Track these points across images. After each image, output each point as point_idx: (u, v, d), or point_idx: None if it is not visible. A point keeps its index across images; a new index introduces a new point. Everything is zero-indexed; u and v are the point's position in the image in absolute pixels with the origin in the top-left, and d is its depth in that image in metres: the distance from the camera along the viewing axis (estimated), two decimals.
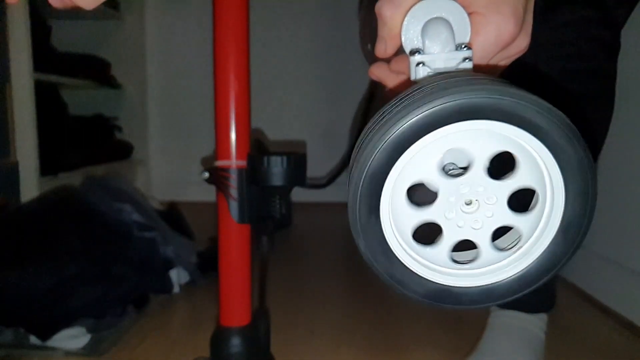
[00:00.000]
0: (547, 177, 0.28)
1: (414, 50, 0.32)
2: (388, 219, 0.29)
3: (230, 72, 0.60)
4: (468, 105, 0.26)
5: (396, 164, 0.27)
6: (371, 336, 0.96)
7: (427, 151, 0.28)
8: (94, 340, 0.89)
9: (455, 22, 0.32)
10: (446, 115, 0.26)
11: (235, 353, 0.63)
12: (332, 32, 2.26)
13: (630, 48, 0.81)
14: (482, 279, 0.30)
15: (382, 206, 0.28)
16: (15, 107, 1.48)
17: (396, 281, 0.30)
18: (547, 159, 0.27)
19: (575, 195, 0.28)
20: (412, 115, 0.26)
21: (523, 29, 0.33)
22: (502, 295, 0.30)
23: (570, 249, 0.29)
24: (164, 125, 2.38)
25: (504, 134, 0.27)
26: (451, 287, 0.30)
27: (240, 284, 0.64)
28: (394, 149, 0.27)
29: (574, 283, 1.23)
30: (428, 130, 0.26)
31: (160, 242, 1.14)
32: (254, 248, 0.64)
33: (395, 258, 0.30)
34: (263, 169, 0.59)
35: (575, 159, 0.27)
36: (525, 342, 0.79)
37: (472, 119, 0.26)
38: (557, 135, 0.26)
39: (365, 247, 0.29)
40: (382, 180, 0.28)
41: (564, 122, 0.26)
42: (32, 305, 0.90)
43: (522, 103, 0.26)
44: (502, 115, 0.26)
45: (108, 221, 1.11)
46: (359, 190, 0.28)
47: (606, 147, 0.78)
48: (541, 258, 0.30)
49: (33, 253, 0.98)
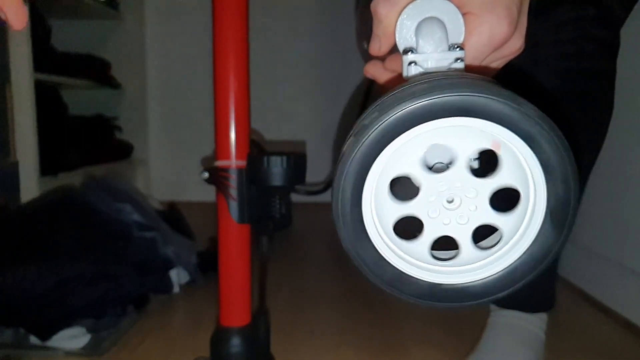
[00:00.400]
0: (529, 176, 0.28)
1: (407, 49, 0.32)
2: (370, 210, 0.30)
3: (230, 72, 0.60)
4: (452, 103, 0.26)
5: (380, 156, 0.28)
6: (371, 336, 0.96)
7: (411, 145, 0.28)
8: (94, 340, 0.89)
9: (449, 22, 0.32)
10: (429, 111, 0.27)
11: (235, 353, 0.63)
12: (332, 32, 2.26)
13: (630, 48, 0.81)
14: (463, 276, 0.31)
15: (365, 197, 0.29)
16: (15, 107, 1.48)
17: (374, 272, 0.30)
18: (529, 157, 0.28)
19: (557, 192, 0.28)
20: (396, 110, 0.27)
21: (517, 30, 0.33)
22: (479, 295, 0.31)
23: (555, 246, 0.29)
24: (164, 125, 2.38)
25: (488, 132, 0.28)
26: (434, 283, 0.31)
27: (240, 284, 0.64)
28: (378, 142, 0.27)
29: (574, 283, 1.23)
30: (411, 125, 0.27)
31: (160, 242, 1.14)
32: (254, 248, 0.64)
33: (374, 249, 0.30)
34: (263, 169, 0.59)
35: (556, 157, 0.27)
36: (525, 341, 0.79)
37: (455, 116, 0.27)
38: (536, 132, 0.27)
39: (346, 236, 0.29)
40: (365, 172, 0.28)
41: (543, 119, 0.27)
42: (32, 305, 0.90)
43: (501, 100, 0.26)
44: (483, 113, 0.26)
45: (108, 221, 1.11)
46: (343, 181, 0.28)
47: (606, 147, 0.78)
48: (525, 256, 0.30)
49: (33, 253, 0.98)
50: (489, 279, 0.30)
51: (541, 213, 0.29)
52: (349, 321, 1.04)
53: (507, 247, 0.30)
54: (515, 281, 0.30)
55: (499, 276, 0.30)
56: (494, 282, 0.30)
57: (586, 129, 0.76)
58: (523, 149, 0.27)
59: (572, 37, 0.72)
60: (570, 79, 0.73)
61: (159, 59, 2.33)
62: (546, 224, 0.29)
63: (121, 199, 1.16)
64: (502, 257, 0.30)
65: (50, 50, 1.85)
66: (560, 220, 0.28)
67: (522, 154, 0.28)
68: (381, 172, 0.29)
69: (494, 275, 0.30)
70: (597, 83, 0.75)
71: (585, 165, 0.79)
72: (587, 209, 0.98)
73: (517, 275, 0.30)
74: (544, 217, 0.29)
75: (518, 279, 0.30)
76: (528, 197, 0.29)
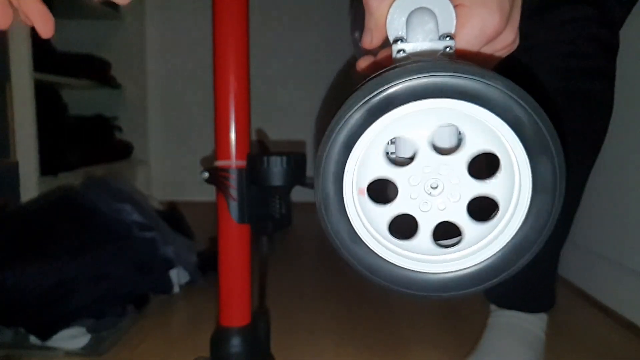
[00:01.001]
0: (505, 141, 0.28)
1: (397, 39, 0.32)
2: (359, 218, 0.30)
3: (230, 72, 0.60)
4: (413, 87, 0.26)
5: (347, 164, 0.28)
6: (371, 336, 0.96)
7: (427, 115, 0.28)
8: (94, 340, 0.89)
9: (440, 13, 0.32)
10: (388, 102, 0.27)
11: (235, 353, 0.63)
12: (332, 32, 2.26)
13: (630, 48, 0.81)
14: (471, 260, 0.30)
15: (348, 206, 0.29)
16: (15, 107, 1.48)
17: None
18: (500, 126, 0.27)
19: (540, 161, 0.27)
20: (355, 111, 0.27)
21: (509, 23, 0.33)
22: (482, 280, 0.30)
23: (551, 215, 0.28)
24: (164, 125, 2.38)
25: (498, 135, 0.27)
26: (441, 274, 0.30)
27: (240, 284, 0.64)
28: (342, 150, 0.28)
29: (574, 283, 1.23)
30: (371, 121, 0.27)
31: (160, 242, 1.14)
32: (254, 248, 0.64)
33: (374, 254, 0.30)
34: (263, 169, 0.59)
35: (526, 117, 0.26)
36: (525, 341, 0.79)
37: (414, 101, 0.27)
38: (507, 106, 0.26)
39: (321, 189, 0.29)
40: (340, 181, 0.28)
41: (516, 91, 0.26)
42: (32, 305, 0.90)
43: (463, 76, 0.26)
44: (441, 91, 0.26)
45: (108, 221, 1.11)
46: (321, 192, 0.28)
47: (606, 147, 0.78)
48: (525, 227, 0.29)
49: (33, 253, 0.98)
50: (497, 255, 0.30)
51: (528, 180, 0.28)
52: (349, 321, 1.04)
53: (507, 217, 0.29)
54: (525, 251, 0.29)
55: (508, 249, 0.29)
56: (502, 258, 0.30)
57: (586, 129, 0.76)
58: (521, 157, 0.27)
59: (572, 37, 0.72)
60: (570, 79, 0.73)
61: (159, 59, 2.33)
62: (535, 193, 0.28)
63: (121, 199, 1.16)
64: (504, 230, 0.30)
65: (50, 50, 1.84)
66: (549, 189, 0.27)
67: (490, 123, 0.27)
68: (354, 181, 0.29)
69: (502, 250, 0.30)
70: (596, 83, 0.75)
71: (585, 165, 0.79)
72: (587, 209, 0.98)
73: (527, 244, 0.29)
74: (531, 185, 0.28)
75: (527, 247, 0.29)
76: (509, 160, 0.28)
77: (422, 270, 0.30)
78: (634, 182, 1.04)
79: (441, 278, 0.30)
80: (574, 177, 0.78)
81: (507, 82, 0.26)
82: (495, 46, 0.34)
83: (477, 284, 0.30)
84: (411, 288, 0.30)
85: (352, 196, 0.29)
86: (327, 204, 0.29)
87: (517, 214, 0.29)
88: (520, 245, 0.29)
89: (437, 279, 0.30)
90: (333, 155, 0.28)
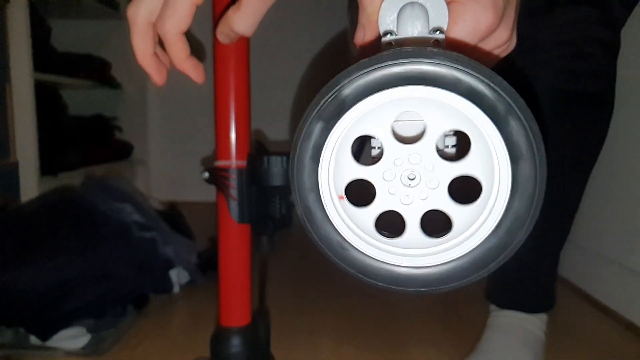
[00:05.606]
0: (469, 116, 0.27)
1: (387, 32, 0.32)
2: (344, 224, 0.29)
3: (230, 72, 0.60)
4: (411, 70, 0.26)
5: (319, 174, 0.28)
6: (371, 335, 0.96)
7: (383, 108, 0.28)
8: (94, 340, 0.89)
9: (432, 8, 0.31)
10: (384, 81, 0.26)
11: (235, 353, 0.63)
12: (333, 33, 2.26)
13: (630, 48, 0.81)
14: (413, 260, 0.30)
15: (331, 214, 0.29)
16: (15, 107, 1.48)
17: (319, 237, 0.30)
18: (459, 102, 0.27)
19: (522, 169, 0.27)
20: (356, 73, 0.27)
21: (503, 21, 0.32)
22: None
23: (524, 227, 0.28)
24: (164, 125, 2.38)
25: (461, 112, 0.27)
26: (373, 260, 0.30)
27: (240, 284, 0.64)
28: (309, 162, 0.28)
29: (574, 283, 1.23)
30: (371, 91, 0.27)
31: (160, 242, 1.14)
32: (254, 248, 0.64)
33: (325, 214, 0.30)
34: (263, 169, 0.59)
35: (522, 136, 0.26)
36: (525, 342, 0.79)
37: (414, 85, 0.26)
38: (504, 111, 0.26)
39: (300, 202, 0.29)
40: (317, 191, 0.28)
41: (510, 93, 0.26)
42: (32, 305, 0.90)
43: (404, 61, 0.26)
44: (443, 81, 0.26)
45: (108, 221, 1.11)
46: (301, 206, 0.28)
47: (606, 147, 0.78)
48: (475, 253, 0.29)
49: (33, 253, 0.98)
50: (492, 235, 0.29)
51: (503, 151, 0.27)
52: (348, 321, 1.04)
53: (493, 194, 0.29)
54: (519, 227, 0.28)
55: (502, 227, 0.28)
56: (498, 237, 0.29)
57: (586, 130, 0.76)
58: (489, 128, 0.27)
59: (573, 37, 0.72)
60: (570, 80, 0.73)
61: None
62: (514, 163, 0.27)
63: (121, 199, 1.16)
64: (493, 207, 0.29)
65: (50, 50, 1.85)
66: (528, 156, 0.27)
67: (489, 135, 0.27)
68: (331, 188, 0.29)
69: (496, 230, 0.29)
70: (597, 83, 0.75)
71: (586, 166, 0.79)
72: (587, 209, 0.98)
73: (519, 218, 0.28)
74: (508, 155, 0.27)
75: (521, 222, 0.28)
76: (480, 135, 0.28)
77: (420, 265, 0.30)
78: (634, 182, 1.04)
79: (441, 270, 0.29)
80: (574, 177, 0.79)
81: (449, 56, 0.26)
82: (489, 44, 0.34)
83: (478, 269, 0.29)
84: (411, 285, 0.30)
85: (333, 203, 0.29)
86: (310, 216, 0.29)
87: (501, 187, 0.28)
88: (513, 220, 0.28)
89: (436, 272, 0.29)
90: (303, 169, 0.28)
